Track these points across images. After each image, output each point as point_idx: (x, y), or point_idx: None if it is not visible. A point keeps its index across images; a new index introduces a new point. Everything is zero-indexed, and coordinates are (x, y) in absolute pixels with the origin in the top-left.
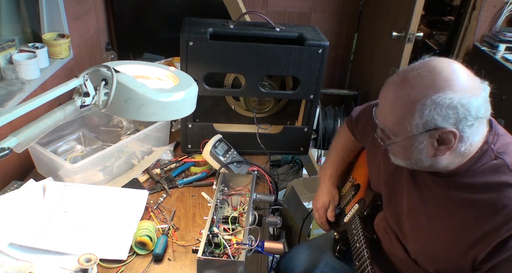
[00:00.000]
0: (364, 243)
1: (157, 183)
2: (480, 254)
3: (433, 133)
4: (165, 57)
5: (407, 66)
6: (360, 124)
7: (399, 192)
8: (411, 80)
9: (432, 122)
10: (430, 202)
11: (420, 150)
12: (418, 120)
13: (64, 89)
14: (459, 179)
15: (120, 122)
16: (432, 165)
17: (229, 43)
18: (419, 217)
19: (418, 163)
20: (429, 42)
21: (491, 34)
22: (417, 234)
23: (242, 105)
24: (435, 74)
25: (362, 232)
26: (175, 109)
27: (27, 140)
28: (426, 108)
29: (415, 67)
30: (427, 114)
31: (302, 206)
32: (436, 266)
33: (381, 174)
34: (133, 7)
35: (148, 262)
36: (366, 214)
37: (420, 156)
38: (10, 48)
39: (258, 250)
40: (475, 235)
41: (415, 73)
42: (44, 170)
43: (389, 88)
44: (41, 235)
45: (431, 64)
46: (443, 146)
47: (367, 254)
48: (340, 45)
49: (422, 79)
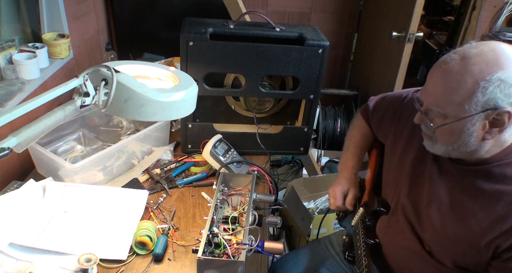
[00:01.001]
0: (364, 251)
1: (157, 183)
2: (504, 244)
3: (489, 114)
4: (165, 57)
5: (461, 47)
6: (377, 114)
7: (420, 182)
8: (473, 58)
9: (493, 101)
10: (456, 192)
11: (470, 132)
12: (480, 98)
13: (64, 89)
14: (489, 168)
15: (120, 122)
16: (476, 150)
17: (229, 43)
18: (442, 207)
19: (461, 147)
20: (429, 42)
21: (491, 34)
22: (438, 225)
23: (242, 105)
24: (498, 52)
25: (363, 239)
26: (175, 109)
27: (27, 140)
28: (491, 85)
29: (473, 46)
30: (491, 91)
31: (302, 206)
32: (454, 257)
33: (409, 163)
34: (133, 7)
35: (148, 262)
36: (368, 220)
37: (468, 139)
38: (10, 48)
39: (258, 250)
40: (502, 227)
41: (477, 51)
42: (44, 170)
43: (444, 66)
44: (41, 235)
45: (491, 43)
46: (494, 129)
47: (365, 263)
48: (340, 45)
49: (485, 56)
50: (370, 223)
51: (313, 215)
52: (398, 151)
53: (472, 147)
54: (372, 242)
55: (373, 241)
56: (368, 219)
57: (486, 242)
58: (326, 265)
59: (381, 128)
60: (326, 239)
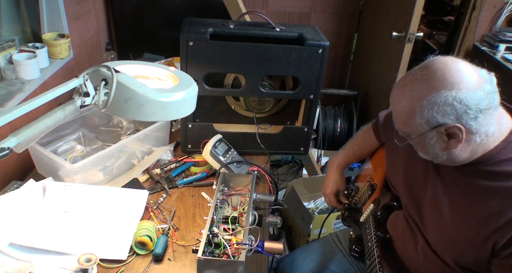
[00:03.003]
0: (375, 242)
1: (157, 183)
2: (501, 240)
3: (439, 129)
4: (165, 57)
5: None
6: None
7: (422, 183)
8: (409, 85)
9: (434, 120)
10: (453, 191)
11: (432, 145)
12: (420, 120)
13: (64, 89)
14: (483, 167)
15: (120, 122)
16: (449, 158)
17: (229, 43)
18: (441, 207)
19: (437, 157)
20: (429, 42)
21: (491, 34)
22: (438, 224)
23: (242, 105)
24: (429, 75)
25: (374, 231)
26: (175, 109)
27: (27, 140)
28: (424, 108)
29: (413, 71)
30: (426, 113)
31: (302, 206)
32: (454, 255)
33: (403, 165)
34: (133, 7)
35: (148, 262)
36: (379, 214)
37: (435, 150)
38: (10, 48)
39: (258, 250)
40: (498, 223)
41: (412, 77)
42: (44, 170)
43: (394, 93)
44: (41, 235)
45: (428, 65)
46: (453, 140)
47: (377, 253)
48: (340, 45)
49: (418, 82)
50: (381, 217)
51: (313, 215)
52: (399, 153)
53: (442, 156)
54: (383, 235)
55: (384, 235)
56: (380, 213)
57: (483, 237)
58: (336, 261)
59: (385, 131)
60: (334, 235)
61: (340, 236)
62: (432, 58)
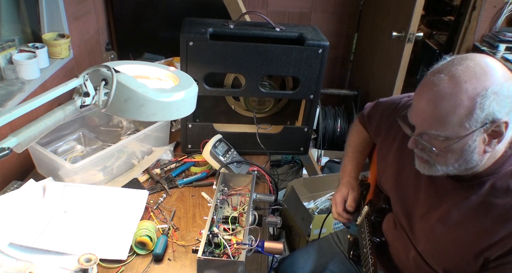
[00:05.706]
0: (370, 249)
1: (157, 183)
2: (492, 256)
3: (488, 127)
4: (165, 57)
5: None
6: (373, 121)
7: (413, 194)
8: (462, 75)
9: (491, 115)
10: (448, 206)
11: (472, 149)
12: (480, 113)
13: (64, 89)
14: (481, 182)
15: (120, 122)
16: (476, 165)
17: (229, 43)
18: (432, 221)
19: (462, 165)
20: (429, 42)
21: (491, 34)
22: (429, 238)
23: (242, 105)
24: (482, 65)
25: (369, 237)
26: (175, 109)
27: (27, 140)
28: (487, 99)
29: (456, 62)
30: (488, 106)
31: (302, 206)
32: (445, 267)
33: (393, 172)
34: (133, 7)
35: (148, 262)
36: (373, 218)
37: (470, 156)
38: (10, 48)
39: (258, 250)
40: (491, 240)
41: (463, 67)
42: (44, 170)
43: (435, 88)
44: (41, 235)
45: (472, 57)
46: (494, 140)
47: (371, 261)
48: (340, 45)
49: (473, 72)
50: (376, 220)
51: (313, 215)
52: (388, 160)
53: (473, 162)
54: (377, 240)
55: (379, 239)
56: (374, 216)
57: (474, 254)
58: (337, 262)
59: (377, 135)
60: (334, 235)
61: (340, 236)
62: (464, 54)
